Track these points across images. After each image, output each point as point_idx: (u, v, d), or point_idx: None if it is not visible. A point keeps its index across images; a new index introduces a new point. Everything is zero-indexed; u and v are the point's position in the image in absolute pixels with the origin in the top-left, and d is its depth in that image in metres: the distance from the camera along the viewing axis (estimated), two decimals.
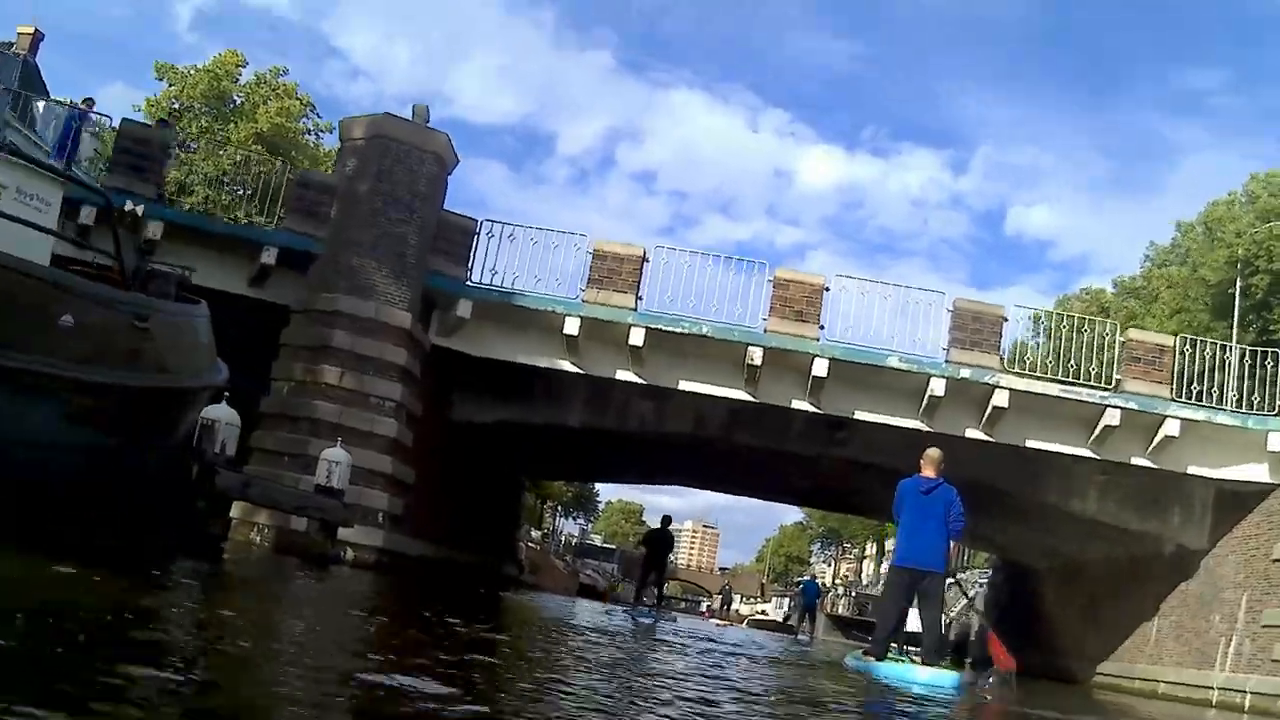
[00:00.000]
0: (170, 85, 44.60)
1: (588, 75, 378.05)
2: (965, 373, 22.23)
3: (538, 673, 6.15)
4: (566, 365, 23.12)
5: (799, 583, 70.49)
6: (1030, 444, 23.16)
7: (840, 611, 72.69)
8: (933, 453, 11.90)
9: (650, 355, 22.79)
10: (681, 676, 7.87)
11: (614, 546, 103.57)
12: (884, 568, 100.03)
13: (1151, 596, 25.81)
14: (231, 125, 42.86)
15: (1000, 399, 22.15)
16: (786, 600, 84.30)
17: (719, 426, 24.72)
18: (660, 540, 27.55)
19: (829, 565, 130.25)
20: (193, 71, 45.59)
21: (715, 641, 16.46)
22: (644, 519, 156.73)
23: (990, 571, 41.55)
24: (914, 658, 12.06)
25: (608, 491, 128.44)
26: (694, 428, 24.83)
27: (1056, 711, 11.13)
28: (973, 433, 23.00)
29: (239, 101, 46.23)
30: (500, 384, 24.41)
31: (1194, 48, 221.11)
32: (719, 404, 23.96)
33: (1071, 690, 23.71)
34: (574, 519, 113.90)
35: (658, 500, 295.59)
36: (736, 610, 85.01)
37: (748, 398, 23.10)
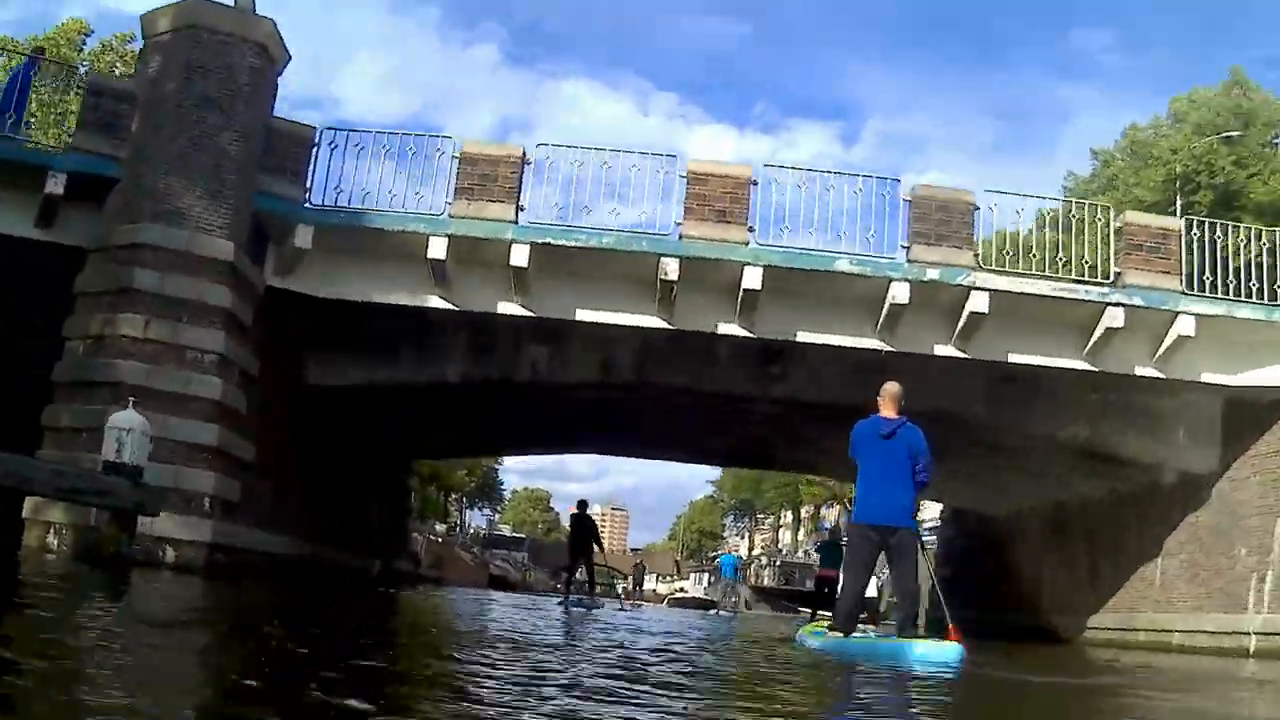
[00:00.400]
0: (5, 56, 39.38)
1: (476, 69, 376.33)
2: (933, 273, 17.83)
3: None
4: (436, 301, 18.38)
5: (714, 557, 67.53)
6: (1014, 358, 18.91)
7: (766, 583, 69.27)
8: (892, 388, 10.36)
9: (539, 280, 18.14)
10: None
11: (523, 535, 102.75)
12: (802, 535, 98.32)
13: (1151, 534, 22.01)
14: (74, 96, 37.65)
15: (978, 302, 17.81)
16: (706, 576, 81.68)
17: (630, 367, 20.16)
18: (582, 525, 24.70)
19: (743, 538, 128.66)
20: (32, 41, 40.69)
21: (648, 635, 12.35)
22: (551, 505, 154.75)
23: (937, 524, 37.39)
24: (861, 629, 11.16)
25: (513, 480, 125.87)
26: (600, 372, 20.23)
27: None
28: (943, 349, 18.70)
29: (83, 71, 41.14)
30: (360, 335, 19.80)
31: (1080, 8, 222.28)
32: (628, 337, 19.42)
33: (1064, 651, 19.96)
34: (480, 510, 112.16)
35: (565, 488, 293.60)
36: (654, 590, 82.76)
37: (663, 324, 18.52)
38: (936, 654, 8.84)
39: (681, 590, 77.18)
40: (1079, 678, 10.59)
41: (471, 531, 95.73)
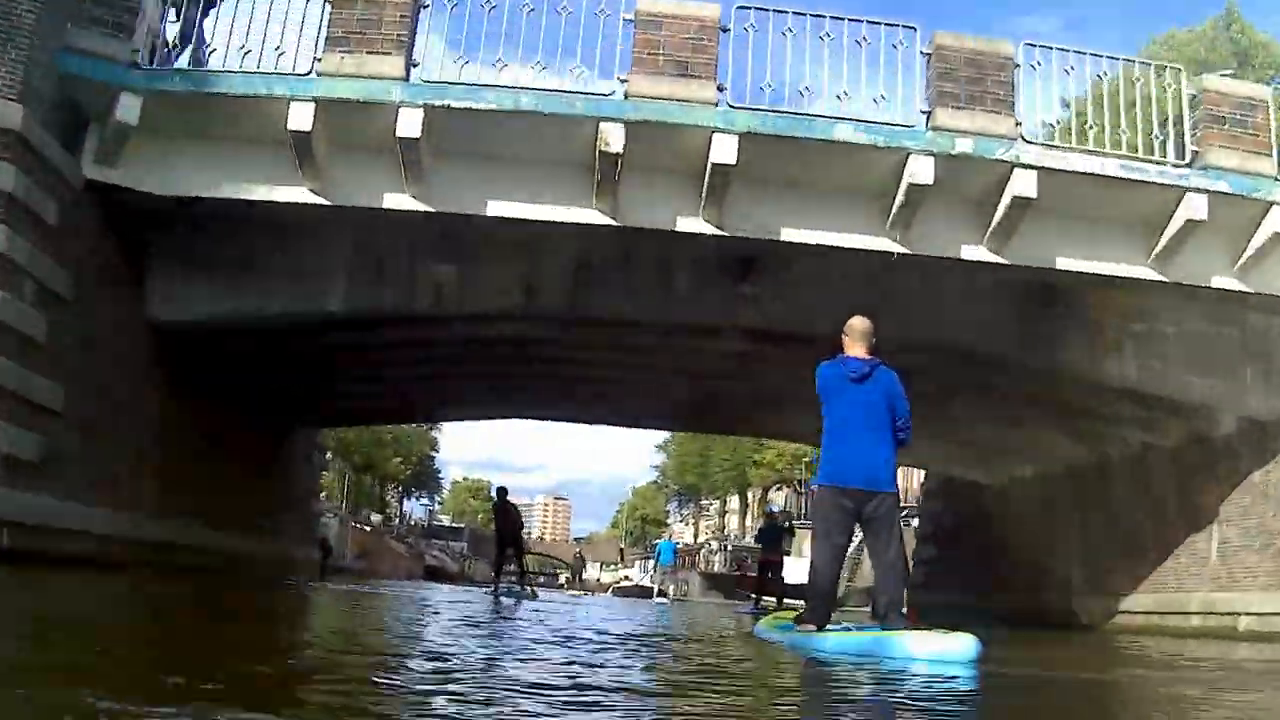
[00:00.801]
0: None
1: None
2: (964, 145, 13.38)
3: None
4: (302, 194, 13.69)
5: (654, 546, 66.90)
6: (1063, 263, 14.54)
7: (716, 569, 65.62)
8: (861, 323, 8.30)
9: (437, 162, 13.55)
10: None
11: (462, 526, 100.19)
12: (749, 521, 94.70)
13: (1200, 497, 17.84)
14: None
15: (1023, 184, 13.40)
16: (651, 563, 79.00)
17: (560, 290, 15.69)
18: (504, 513, 23.56)
19: (688, 524, 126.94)
20: None
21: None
22: (491, 495, 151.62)
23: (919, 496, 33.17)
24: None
25: (455, 471, 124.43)
26: (522, 297, 15.69)
27: None
28: (973, 251, 14.31)
29: None
30: (219, 255, 15.30)
31: None
32: (557, 250, 15.12)
33: (1100, 640, 15.81)
34: (418, 500, 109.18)
35: (509, 479, 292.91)
36: (598, 579, 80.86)
37: (604, 220, 13.91)
38: (948, 649, 6.96)
39: (626, 578, 74.48)
40: None
41: (413, 522, 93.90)
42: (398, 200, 13.74)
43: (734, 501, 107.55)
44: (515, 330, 17.36)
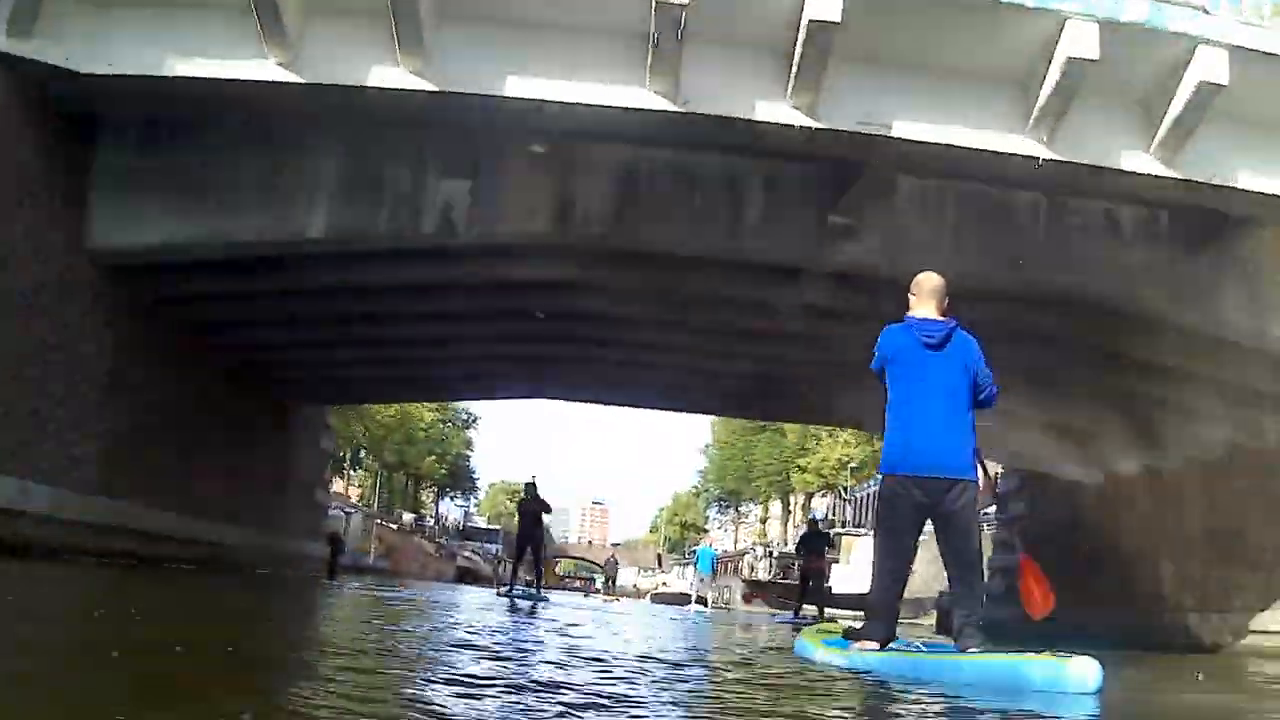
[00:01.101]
0: None
1: None
2: (1136, 11, 10.20)
3: None
4: (267, 69, 10.78)
5: (694, 552, 66.20)
6: (1247, 182, 11.34)
7: (760, 576, 63.53)
8: (930, 280, 6.71)
9: (443, 29, 10.60)
10: None
11: (497, 528, 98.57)
12: (791, 529, 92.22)
13: None
14: None
15: (1209, 67, 10.24)
16: (690, 570, 77.48)
17: (601, 213, 12.69)
18: (529, 509, 21.55)
19: (727, 531, 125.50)
20: None
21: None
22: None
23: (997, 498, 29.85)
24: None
25: (488, 473, 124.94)
26: (553, 223, 12.69)
27: None
28: (1136, 161, 11.17)
29: None
30: (173, 163, 12.55)
31: None
32: (598, 152, 12.26)
33: (1229, 665, 12.60)
34: (454, 501, 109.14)
35: (542, 485, 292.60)
36: (635, 585, 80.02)
37: (660, 104, 10.83)
38: (1064, 676, 5.32)
39: (664, 585, 72.84)
40: None
41: (450, 523, 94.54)
42: (389, 76, 10.74)
43: (775, 508, 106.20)
44: (543, 271, 14.37)
